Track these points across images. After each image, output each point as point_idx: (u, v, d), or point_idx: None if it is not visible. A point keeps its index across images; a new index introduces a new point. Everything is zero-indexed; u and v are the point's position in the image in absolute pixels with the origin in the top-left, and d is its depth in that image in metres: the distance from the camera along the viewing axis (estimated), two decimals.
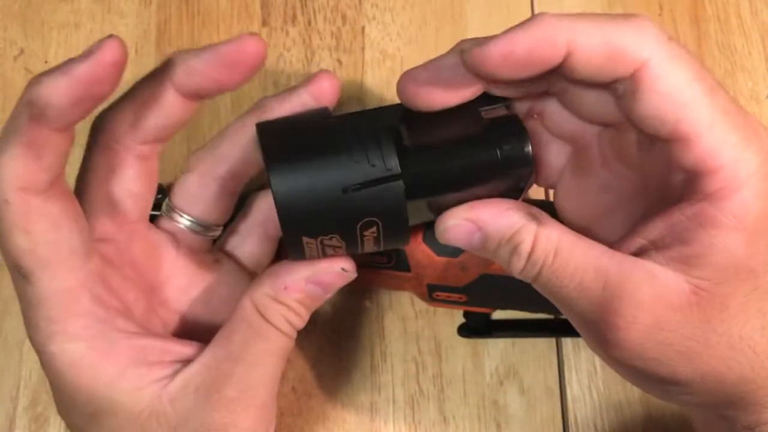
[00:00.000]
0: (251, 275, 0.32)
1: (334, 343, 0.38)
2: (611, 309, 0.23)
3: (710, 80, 0.22)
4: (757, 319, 0.23)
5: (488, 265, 0.32)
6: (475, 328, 0.37)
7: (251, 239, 0.32)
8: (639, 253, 0.24)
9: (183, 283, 0.30)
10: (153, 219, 0.31)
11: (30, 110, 0.22)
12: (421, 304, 0.38)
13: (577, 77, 0.22)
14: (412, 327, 0.38)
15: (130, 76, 0.41)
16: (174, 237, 0.30)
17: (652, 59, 0.21)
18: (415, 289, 0.35)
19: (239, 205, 0.32)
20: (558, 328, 0.37)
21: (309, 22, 0.42)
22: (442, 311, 0.38)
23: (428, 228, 0.32)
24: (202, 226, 0.30)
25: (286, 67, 0.41)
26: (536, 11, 0.42)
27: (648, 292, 0.23)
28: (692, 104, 0.21)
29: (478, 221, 0.24)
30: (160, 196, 0.34)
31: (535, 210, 0.25)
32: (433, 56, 0.41)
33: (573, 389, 0.37)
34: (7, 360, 0.37)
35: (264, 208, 0.31)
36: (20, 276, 0.24)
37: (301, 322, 0.27)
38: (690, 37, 0.42)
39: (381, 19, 0.42)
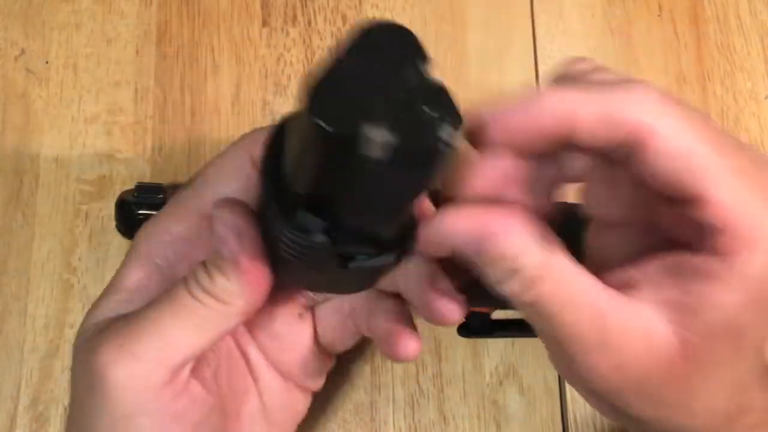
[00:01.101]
0: (319, 347, 0.31)
1: None
2: (599, 351, 0.22)
3: (723, 141, 0.21)
4: (727, 376, 0.23)
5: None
6: (475, 328, 0.37)
7: (335, 319, 0.30)
8: (631, 284, 0.23)
9: (271, 326, 0.30)
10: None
11: None
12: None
13: (585, 147, 0.22)
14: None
15: (130, 76, 0.41)
16: None
17: (655, 124, 0.21)
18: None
19: None
20: None
21: (309, 23, 0.42)
22: None
23: None
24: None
25: (286, 68, 0.41)
26: (536, 11, 0.42)
27: (641, 343, 0.22)
28: (703, 165, 0.21)
29: (482, 234, 0.22)
30: (160, 196, 0.35)
31: (545, 229, 0.23)
32: (433, 56, 0.41)
33: (573, 389, 0.37)
34: (8, 360, 0.37)
35: (355, 305, 0.30)
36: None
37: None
38: (689, 37, 0.42)
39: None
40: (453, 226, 0.22)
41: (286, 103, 0.41)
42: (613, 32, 0.42)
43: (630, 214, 0.24)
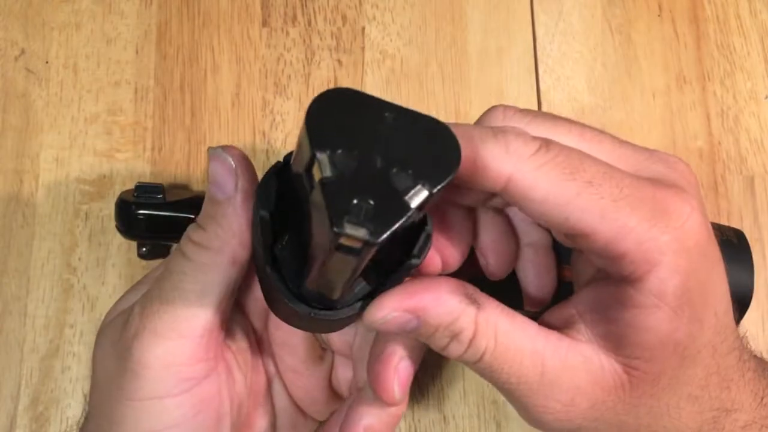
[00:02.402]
0: (331, 389, 0.31)
1: None
2: (548, 394, 0.23)
3: (595, 171, 0.21)
4: (685, 386, 0.23)
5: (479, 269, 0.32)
6: None
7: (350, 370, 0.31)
8: (569, 323, 0.24)
9: (292, 361, 0.30)
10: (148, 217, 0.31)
11: None
12: None
13: (461, 185, 0.22)
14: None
15: (130, 76, 0.41)
16: None
17: (516, 175, 0.21)
18: None
19: None
20: None
21: (309, 23, 0.42)
22: None
23: None
24: None
25: (286, 68, 0.41)
26: (536, 11, 0.42)
27: (584, 377, 0.23)
28: (571, 202, 0.21)
29: (415, 310, 0.23)
30: (160, 196, 0.35)
31: (471, 288, 0.24)
32: (433, 56, 0.41)
33: None
34: (8, 359, 0.37)
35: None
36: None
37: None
38: (689, 37, 0.42)
39: (381, 19, 0.42)
40: (385, 315, 0.23)
41: (286, 103, 0.41)
42: (613, 32, 0.42)
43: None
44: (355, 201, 0.18)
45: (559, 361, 0.23)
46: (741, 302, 0.32)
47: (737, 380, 0.24)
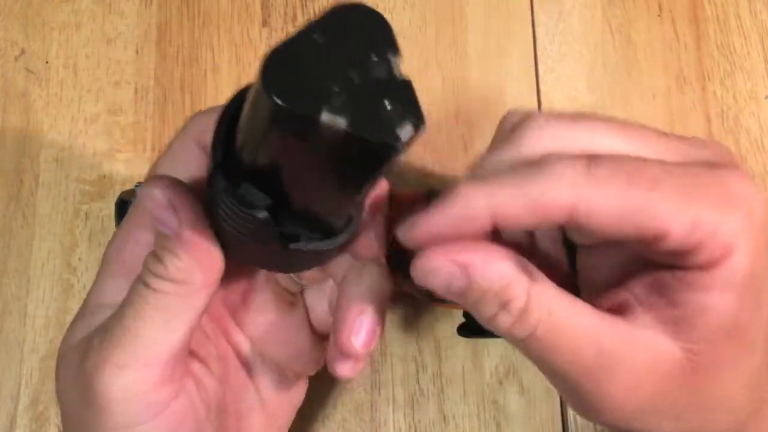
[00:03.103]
0: (314, 332, 0.30)
1: None
2: (606, 378, 0.22)
3: (652, 171, 0.21)
4: (742, 375, 0.23)
5: None
6: (475, 327, 0.37)
7: (326, 302, 0.30)
8: (623, 307, 0.23)
9: (263, 320, 0.29)
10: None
11: None
12: (421, 304, 0.38)
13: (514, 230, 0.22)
14: (412, 326, 0.38)
15: (130, 76, 0.41)
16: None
17: (578, 201, 0.21)
18: (416, 290, 0.35)
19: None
20: None
21: None
22: (441, 311, 0.38)
23: None
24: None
25: None
26: (536, 11, 0.42)
27: (644, 361, 0.22)
28: (639, 209, 0.21)
29: (465, 265, 0.21)
30: None
31: (525, 261, 0.23)
32: (433, 56, 0.41)
33: None
34: (8, 360, 0.37)
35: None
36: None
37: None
38: (689, 37, 0.42)
39: None
40: (435, 265, 0.22)
41: None
42: (613, 32, 0.42)
43: (606, 243, 0.24)
44: (383, 115, 0.17)
45: (618, 342, 0.22)
46: None
47: None
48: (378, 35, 0.18)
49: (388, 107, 0.17)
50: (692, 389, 0.23)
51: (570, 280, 0.26)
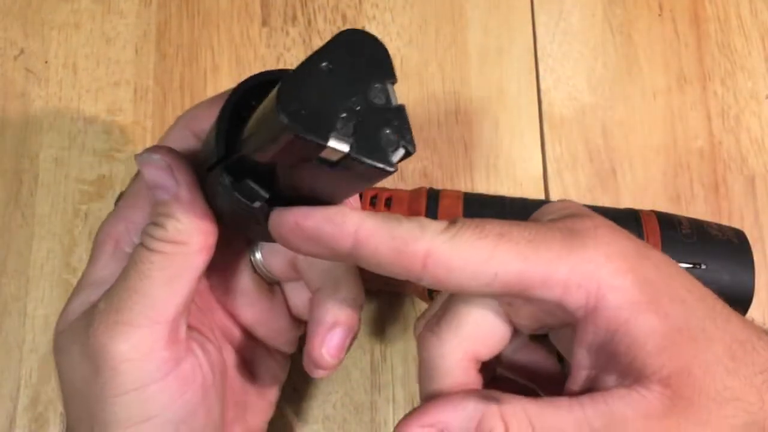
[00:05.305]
0: (292, 317, 0.31)
1: None
2: None
3: (497, 226, 0.23)
4: (717, 366, 0.23)
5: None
6: None
7: (303, 294, 0.31)
8: (594, 380, 0.24)
9: (247, 303, 0.30)
10: None
11: None
12: (421, 304, 0.38)
13: (366, 266, 0.23)
14: (412, 327, 0.38)
15: (129, 76, 0.41)
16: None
17: (432, 250, 0.22)
18: (415, 290, 0.35)
19: None
20: None
21: (309, 22, 0.42)
22: None
23: None
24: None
25: (286, 68, 0.41)
26: (536, 11, 0.42)
27: (635, 418, 0.22)
28: (492, 257, 0.22)
29: (438, 424, 0.23)
30: None
31: (487, 391, 0.24)
32: (433, 56, 0.41)
33: None
34: (7, 360, 0.37)
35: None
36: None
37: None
38: (690, 37, 0.42)
39: (381, 19, 0.42)
40: None
41: None
42: (614, 32, 0.42)
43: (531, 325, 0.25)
44: (383, 143, 0.19)
45: (604, 416, 0.22)
46: (742, 302, 0.32)
47: (756, 341, 0.24)
48: (377, 62, 0.20)
49: (386, 133, 0.19)
50: (687, 410, 0.23)
51: (560, 378, 0.27)
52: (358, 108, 0.19)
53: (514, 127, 0.40)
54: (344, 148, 0.19)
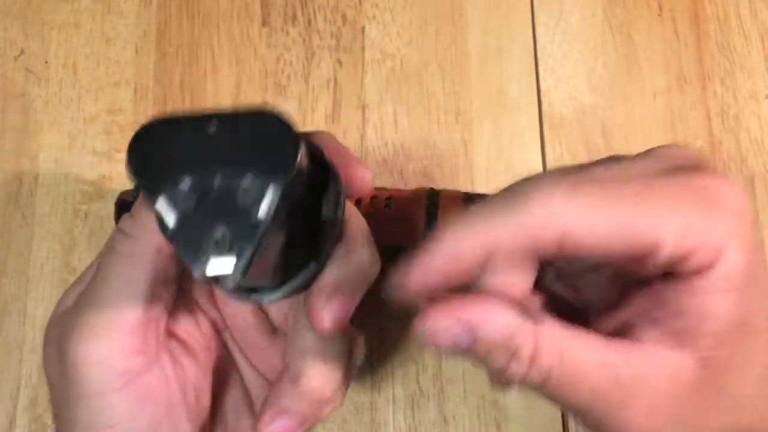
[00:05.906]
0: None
1: None
2: (628, 405, 0.22)
3: (633, 188, 0.21)
4: (757, 370, 0.23)
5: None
6: None
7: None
8: (628, 327, 0.23)
9: (230, 312, 0.30)
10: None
11: None
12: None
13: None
14: (412, 327, 0.38)
15: (129, 76, 0.41)
16: None
17: (566, 228, 0.21)
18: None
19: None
20: None
21: (309, 22, 0.42)
22: None
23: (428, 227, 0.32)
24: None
25: (286, 68, 0.41)
26: (536, 11, 0.42)
27: (662, 378, 0.22)
28: (629, 223, 0.21)
29: (468, 322, 0.21)
30: None
31: (527, 306, 0.23)
32: (433, 56, 0.41)
33: None
34: (7, 360, 0.37)
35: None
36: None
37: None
38: (690, 37, 0.42)
39: (381, 19, 0.42)
40: (438, 326, 0.22)
41: (286, 103, 0.41)
42: (614, 32, 0.42)
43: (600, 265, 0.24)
44: (206, 239, 0.16)
45: (633, 367, 0.22)
46: None
47: None
48: (276, 156, 0.17)
49: (219, 233, 0.17)
50: (711, 396, 0.22)
51: (576, 310, 0.26)
52: (214, 190, 0.17)
53: (514, 127, 0.40)
54: (168, 219, 0.17)
